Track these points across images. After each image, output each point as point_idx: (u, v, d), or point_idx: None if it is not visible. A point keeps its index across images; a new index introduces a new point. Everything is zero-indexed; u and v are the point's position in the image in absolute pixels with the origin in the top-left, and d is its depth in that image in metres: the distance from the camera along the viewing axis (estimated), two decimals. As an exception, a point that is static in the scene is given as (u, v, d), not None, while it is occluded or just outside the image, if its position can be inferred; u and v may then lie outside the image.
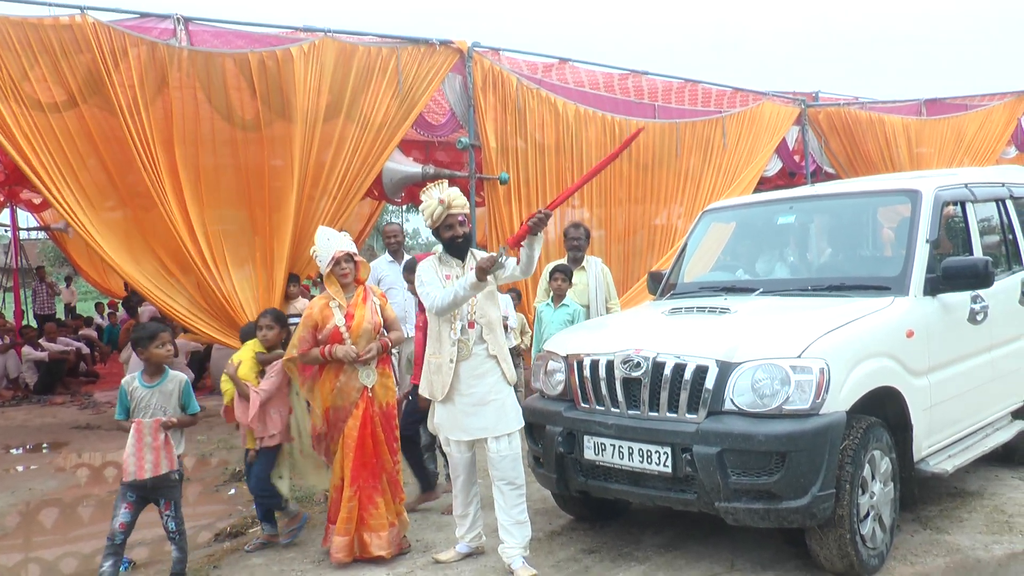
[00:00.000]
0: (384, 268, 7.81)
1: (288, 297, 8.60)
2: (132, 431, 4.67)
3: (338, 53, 8.35)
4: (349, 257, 5.22)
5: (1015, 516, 5.31)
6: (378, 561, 5.10)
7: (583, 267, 7.48)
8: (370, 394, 5.20)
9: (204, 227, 7.91)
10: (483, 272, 4.62)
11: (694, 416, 4.44)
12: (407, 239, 9.39)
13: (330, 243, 5.22)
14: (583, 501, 5.40)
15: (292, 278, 8.31)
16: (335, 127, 8.35)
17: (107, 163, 7.44)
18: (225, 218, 8.03)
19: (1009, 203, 6.27)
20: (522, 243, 4.68)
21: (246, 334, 5.95)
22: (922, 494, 5.51)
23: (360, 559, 5.11)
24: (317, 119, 8.23)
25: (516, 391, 5.08)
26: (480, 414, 4.84)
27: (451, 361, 4.83)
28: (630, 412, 4.69)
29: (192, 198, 7.83)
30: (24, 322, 16.25)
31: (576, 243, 7.49)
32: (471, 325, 4.85)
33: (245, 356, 5.53)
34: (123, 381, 4.86)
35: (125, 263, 7.61)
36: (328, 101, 8.28)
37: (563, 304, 6.94)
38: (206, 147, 7.87)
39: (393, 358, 7.58)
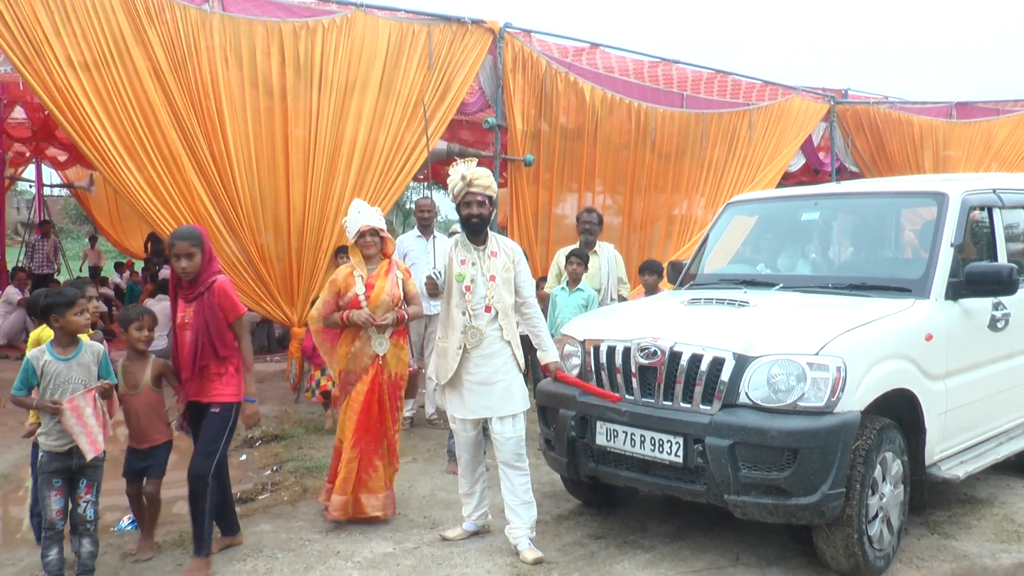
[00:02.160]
0: (411, 243, 7.80)
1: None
2: (69, 413, 4.21)
3: (370, 27, 8.34)
4: (374, 231, 5.36)
5: (1024, 526, 5.30)
6: (374, 523, 5.26)
7: (595, 252, 7.50)
8: (380, 362, 5.33)
9: (228, 192, 7.94)
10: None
11: (708, 407, 4.45)
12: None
13: (360, 216, 5.39)
14: (591, 486, 5.42)
15: (343, 250, 8.26)
16: (364, 101, 8.35)
17: (136, 124, 7.47)
18: (248, 185, 8.06)
19: (1037, 211, 6.21)
20: None
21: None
22: (931, 499, 5.49)
23: (354, 519, 5.29)
24: (346, 92, 8.24)
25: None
26: (485, 394, 4.87)
27: (459, 348, 4.86)
28: (644, 400, 4.70)
29: (217, 163, 7.87)
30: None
31: (588, 227, 7.50)
32: (487, 309, 4.87)
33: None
34: (30, 354, 4.36)
35: (152, 223, 7.70)
36: (358, 75, 8.29)
37: (578, 288, 6.96)
38: (233, 113, 7.90)
39: (414, 335, 7.67)
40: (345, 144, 8.33)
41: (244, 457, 7.12)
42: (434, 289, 4.90)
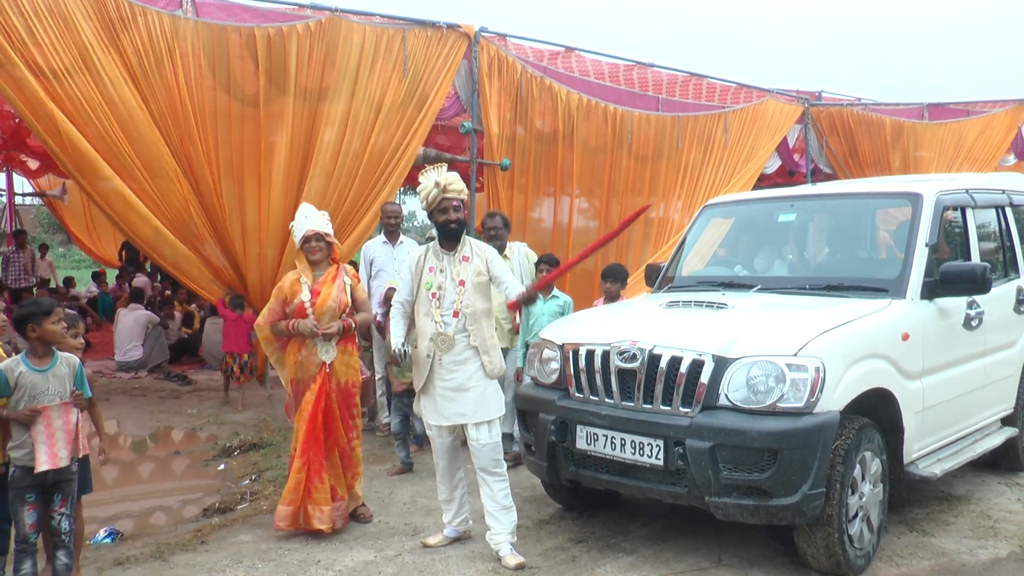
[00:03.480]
0: (376, 249, 7.73)
1: None
2: (40, 420, 4.14)
3: (345, 32, 8.30)
4: (319, 236, 5.33)
5: (1000, 521, 5.35)
6: (356, 531, 5.15)
7: (506, 255, 7.42)
8: (327, 370, 5.31)
9: (201, 199, 7.90)
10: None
11: (688, 410, 4.45)
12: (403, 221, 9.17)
13: (306, 220, 5.37)
14: (573, 490, 5.41)
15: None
16: (338, 107, 8.30)
17: (109, 130, 7.41)
18: (222, 191, 8.01)
19: (1008, 210, 6.30)
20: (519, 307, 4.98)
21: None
22: (910, 497, 5.53)
23: (303, 530, 5.24)
24: (319, 98, 8.19)
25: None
26: (459, 400, 4.86)
27: (428, 356, 4.85)
28: (624, 403, 4.70)
29: (191, 170, 7.82)
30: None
31: (494, 232, 7.33)
32: (455, 315, 4.84)
33: None
34: (3, 365, 4.21)
35: (127, 229, 7.67)
36: (332, 80, 8.24)
37: (552, 296, 6.90)
38: (207, 120, 7.85)
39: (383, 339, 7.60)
40: (319, 150, 8.26)
41: (222, 466, 7.06)
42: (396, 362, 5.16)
